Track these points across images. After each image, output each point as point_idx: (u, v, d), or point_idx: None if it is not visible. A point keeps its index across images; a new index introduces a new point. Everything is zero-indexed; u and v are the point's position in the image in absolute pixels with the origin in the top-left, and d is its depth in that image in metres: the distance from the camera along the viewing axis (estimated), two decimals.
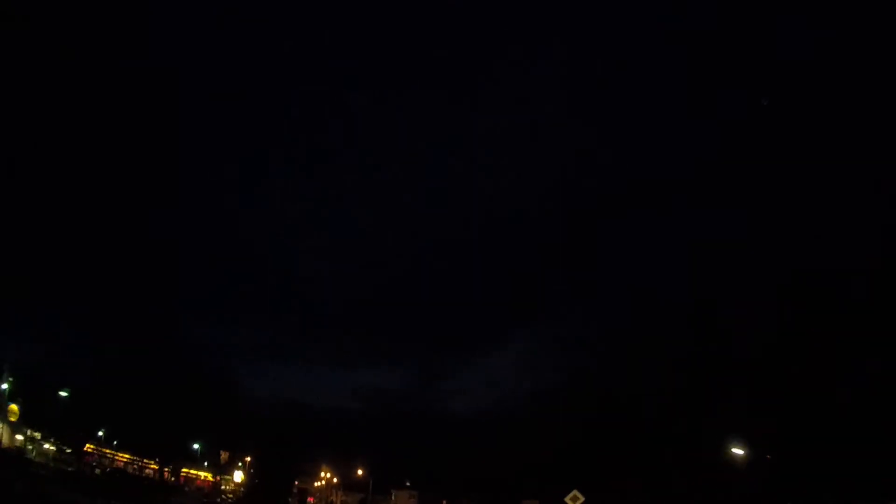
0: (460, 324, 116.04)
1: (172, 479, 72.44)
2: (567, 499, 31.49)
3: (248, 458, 78.66)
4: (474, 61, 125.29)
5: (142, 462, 73.47)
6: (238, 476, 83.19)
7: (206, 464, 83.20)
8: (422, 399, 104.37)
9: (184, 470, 77.63)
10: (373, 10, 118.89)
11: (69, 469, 53.32)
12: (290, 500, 75.06)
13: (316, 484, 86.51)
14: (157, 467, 72.68)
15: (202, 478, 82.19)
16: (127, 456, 72.73)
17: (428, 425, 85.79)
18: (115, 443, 71.43)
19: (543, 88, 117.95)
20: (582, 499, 31.27)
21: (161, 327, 73.81)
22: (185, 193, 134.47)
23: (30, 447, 59.54)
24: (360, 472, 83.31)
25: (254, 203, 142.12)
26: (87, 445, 65.52)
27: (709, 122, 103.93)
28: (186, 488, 72.83)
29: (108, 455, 71.11)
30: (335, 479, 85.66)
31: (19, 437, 58.49)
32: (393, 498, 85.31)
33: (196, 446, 77.15)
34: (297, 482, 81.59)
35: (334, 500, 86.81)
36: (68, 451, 62.33)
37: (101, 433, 67.60)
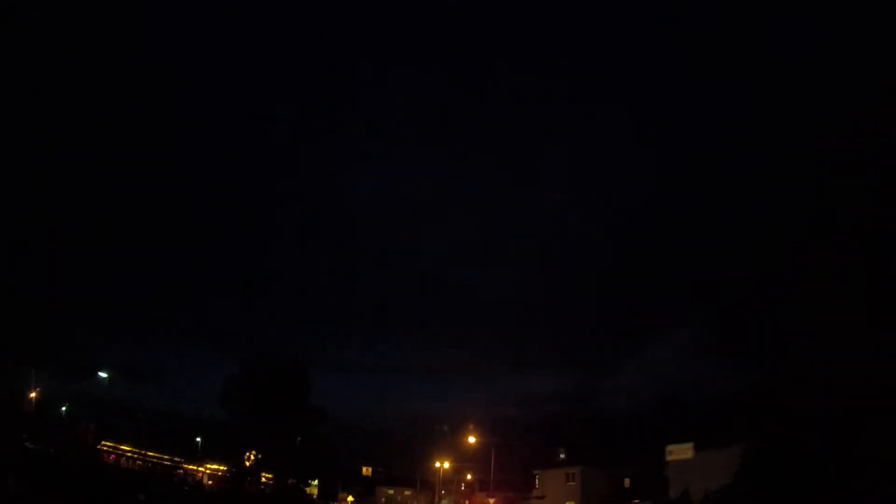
0: (622, 319, 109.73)
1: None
2: None
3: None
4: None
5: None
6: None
7: None
8: (583, 398, 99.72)
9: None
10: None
11: None
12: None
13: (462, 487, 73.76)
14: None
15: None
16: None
17: (589, 424, 74.49)
18: None
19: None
20: None
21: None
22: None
23: None
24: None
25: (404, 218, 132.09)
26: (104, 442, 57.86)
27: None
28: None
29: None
30: (469, 477, 72.77)
31: None
32: (538, 484, 71.12)
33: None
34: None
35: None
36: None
37: None
